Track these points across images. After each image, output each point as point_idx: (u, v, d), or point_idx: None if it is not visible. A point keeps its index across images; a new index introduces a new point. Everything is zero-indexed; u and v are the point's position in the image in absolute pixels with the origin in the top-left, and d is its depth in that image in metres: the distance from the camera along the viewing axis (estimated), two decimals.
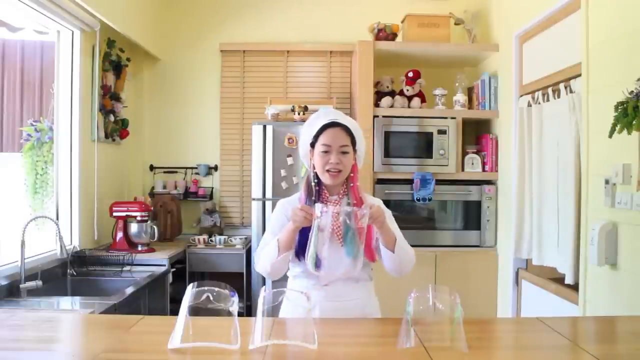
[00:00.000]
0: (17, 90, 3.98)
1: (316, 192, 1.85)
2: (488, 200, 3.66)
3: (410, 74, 3.71)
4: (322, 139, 1.82)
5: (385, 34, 3.77)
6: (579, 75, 2.44)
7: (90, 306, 2.35)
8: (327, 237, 1.71)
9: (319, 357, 1.30)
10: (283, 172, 3.59)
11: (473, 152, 3.74)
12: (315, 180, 1.85)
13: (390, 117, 3.66)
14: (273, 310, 1.46)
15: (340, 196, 1.86)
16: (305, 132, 1.92)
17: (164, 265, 3.28)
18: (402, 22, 3.83)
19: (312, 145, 1.86)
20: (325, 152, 1.81)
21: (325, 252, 1.77)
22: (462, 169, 3.69)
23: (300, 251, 1.80)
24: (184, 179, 4.22)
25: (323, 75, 4.26)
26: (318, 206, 1.67)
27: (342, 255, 1.78)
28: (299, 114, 3.68)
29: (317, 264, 1.79)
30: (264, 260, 1.81)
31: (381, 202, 1.93)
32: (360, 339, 1.45)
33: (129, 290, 2.68)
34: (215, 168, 4.26)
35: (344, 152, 1.81)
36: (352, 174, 1.86)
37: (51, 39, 3.26)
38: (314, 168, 1.86)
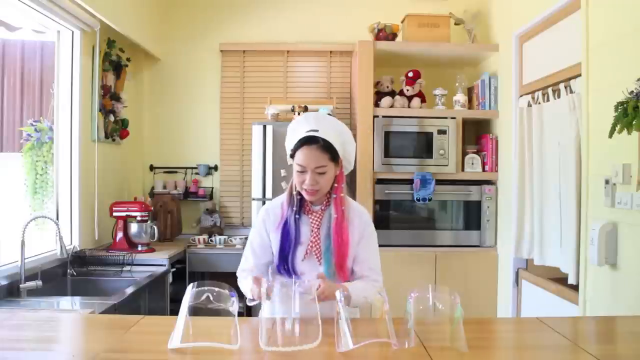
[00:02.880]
0: (17, 90, 3.97)
1: (298, 201, 1.79)
2: (488, 200, 3.66)
3: (410, 74, 3.71)
4: (297, 157, 1.73)
5: (385, 34, 3.77)
6: (579, 75, 2.44)
7: (90, 306, 2.35)
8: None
9: (318, 357, 1.30)
10: (283, 172, 3.59)
11: (473, 152, 3.74)
12: (297, 190, 1.78)
13: (390, 117, 3.66)
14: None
15: (323, 207, 1.80)
16: (288, 137, 1.83)
17: (164, 265, 3.28)
18: (402, 22, 3.82)
19: (292, 156, 1.78)
20: (301, 172, 1.73)
21: (302, 266, 1.76)
22: (462, 169, 3.69)
23: (280, 266, 1.78)
24: (184, 179, 4.22)
25: (323, 75, 4.26)
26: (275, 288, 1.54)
27: (318, 271, 1.73)
28: (299, 114, 3.67)
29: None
30: (245, 290, 1.76)
31: (367, 212, 1.88)
32: (359, 339, 1.44)
33: (129, 290, 2.67)
34: (215, 168, 4.26)
35: (321, 173, 1.71)
36: (336, 185, 1.78)
37: (51, 38, 3.26)
38: None
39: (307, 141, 1.72)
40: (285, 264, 1.76)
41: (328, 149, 1.72)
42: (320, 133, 1.73)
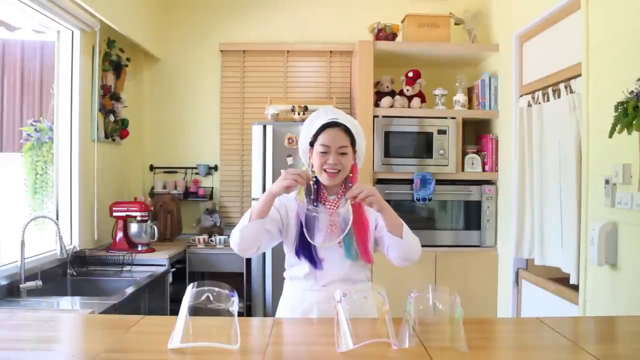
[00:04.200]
0: (17, 90, 3.97)
1: (315, 190, 1.83)
2: (488, 200, 3.66)
3: (410, 74, 3.71)
4: (320, 139, 1.81)
5: (385, 34, 3.77)
6: (579, 75, 2.44)
7: (90, 306, 2.35)
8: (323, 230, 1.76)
9: (318, 357, 1.30)
10: (283, 172, 3.58)
11: (473, 152, 3.74)
12: (314, 179, 1.83)
13: (390, 117, 3.66)
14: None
15: (339, 196, 1.85)
16: (305, 130, 1.92)
17: (164, 265, 3.28)
18: (402, 22, 3.82)
19: (311, 144, 1.85)
20: (324, 152, 1.79)
21: (322, 252, 1.78)
22: (462, 169, 3.69)
23: (300, 250, 1.80)
24: (184, 179, 4.22)
25: (323, 75, 4.26)
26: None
27: (340, 255, 1.80)
28: (299, 114, 3.68)
29: (316, 265, 1.80)
30: (236, 229, 1.76)
31: None
32: (359, 339, 1.44)
33: (129, 290, 2.67)
34: (215, 168, 4.26)
35: (343, 153, 1.80)
36: (351, 174, 1.85)
37: (51, 38, 3.26)
38: (312, 167, 1.85)
39: (331, 124, 1.82)
40: (306, 250, 1.79)
41: (348, 133, 1.83)
42: (340, 121, 1.85)
